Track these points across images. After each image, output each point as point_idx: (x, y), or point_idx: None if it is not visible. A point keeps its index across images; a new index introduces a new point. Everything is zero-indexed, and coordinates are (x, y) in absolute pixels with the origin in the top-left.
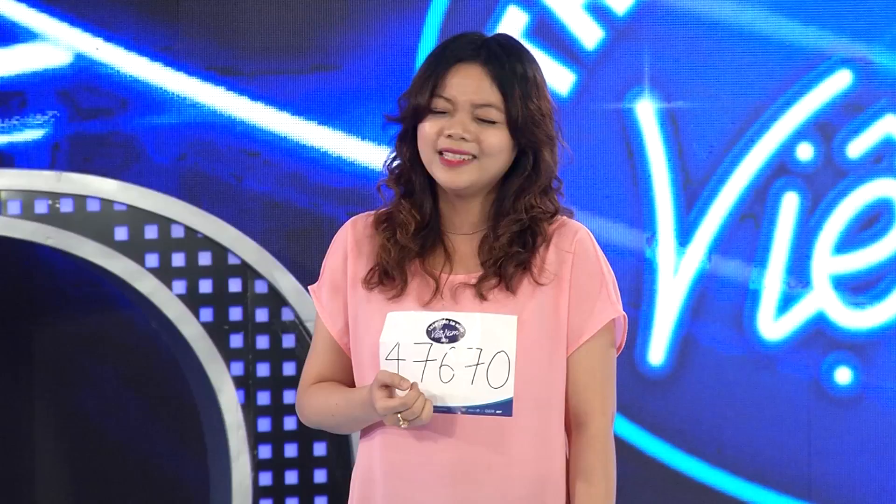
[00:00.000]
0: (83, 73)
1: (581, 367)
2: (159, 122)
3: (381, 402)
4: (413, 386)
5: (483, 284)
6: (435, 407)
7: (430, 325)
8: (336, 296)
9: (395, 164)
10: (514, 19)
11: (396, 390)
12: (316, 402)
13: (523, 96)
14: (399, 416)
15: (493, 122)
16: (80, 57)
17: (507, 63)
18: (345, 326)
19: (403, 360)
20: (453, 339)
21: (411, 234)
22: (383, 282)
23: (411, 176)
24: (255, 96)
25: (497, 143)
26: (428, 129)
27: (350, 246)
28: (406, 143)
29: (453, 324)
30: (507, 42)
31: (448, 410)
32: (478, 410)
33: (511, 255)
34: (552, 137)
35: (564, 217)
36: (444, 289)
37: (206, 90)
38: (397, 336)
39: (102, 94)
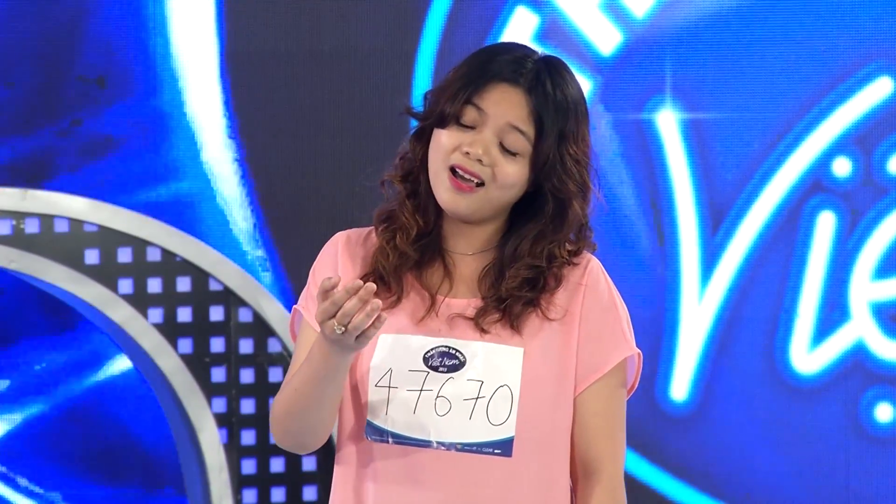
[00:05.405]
0: None
1: (590, 409)
2: None
3: (318, 309)
4: (347, 288)
5: (484, 319)
6: (428, 442)
7: (428, 351)
8: None
9: (407, 160)
10: (523, 22)
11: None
12: (282, 398)
13: (561, 138)
14: (334, 321)
15: (516, 154)
16: None
17: (552, 96)
18: None
19: (396, 387)
20: (452, 369)
21: (412, 239)
22: (378, 289)
23: (419, 177)
24: None
25: (513, 175)
26: (445, 139)
27: (342, 256)
28: (421, 143)
29: (453, 352)
30: (557, 68)
31: (442, 446)
32: (475, 448)
33: (519, 296)
34: (584, 188)
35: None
36: (440, 309)
37: None
38: (390, 361)
39: None
